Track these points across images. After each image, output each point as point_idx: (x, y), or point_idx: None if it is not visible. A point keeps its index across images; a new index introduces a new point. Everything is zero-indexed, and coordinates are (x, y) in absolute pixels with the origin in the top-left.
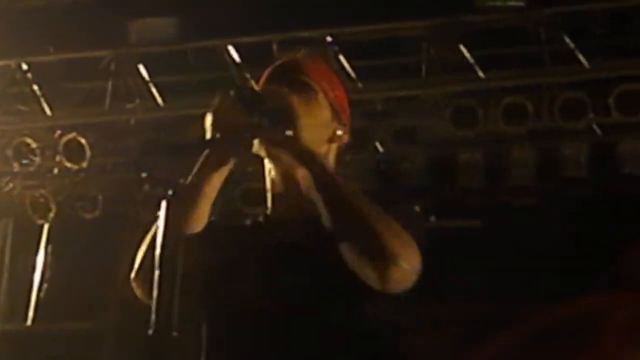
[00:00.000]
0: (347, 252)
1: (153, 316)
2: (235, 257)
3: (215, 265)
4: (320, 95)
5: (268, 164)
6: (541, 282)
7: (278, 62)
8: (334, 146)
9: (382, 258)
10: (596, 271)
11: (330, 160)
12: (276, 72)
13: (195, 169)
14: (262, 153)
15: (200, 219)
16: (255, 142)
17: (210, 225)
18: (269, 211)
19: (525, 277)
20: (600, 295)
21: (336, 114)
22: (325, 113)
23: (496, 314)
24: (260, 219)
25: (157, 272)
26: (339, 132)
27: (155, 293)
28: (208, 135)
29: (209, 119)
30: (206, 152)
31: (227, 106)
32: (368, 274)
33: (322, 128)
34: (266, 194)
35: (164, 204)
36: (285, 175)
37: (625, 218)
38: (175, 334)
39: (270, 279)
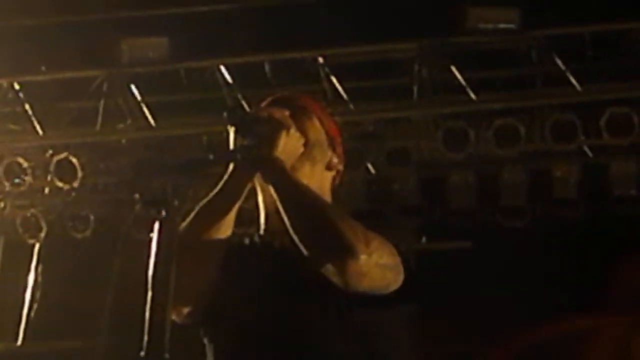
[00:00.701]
0: (308, 252)
1: (145, 338)
2: (236, 275)
3: (219, 284)
4: (316, 120)
5: (259, 184)
6: (531, 304)
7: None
8: (329, 175)
9: (338, 251)
10: (586, 293)
11: (326, 188)
12: (274, 99)
13: (222, 183)
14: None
15: (229, 229)
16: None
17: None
18: (261, 231)
19: (515, 298)
20: (590, 317)
21: (331, 142)
22: (322, 136)
23: (486, 335)
24: (256, 238)
25: (149, 294)
26: (335, 160)
27: (147, 314)
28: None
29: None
30: (231, 167)
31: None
32: (329, 270)
33: (320, 148)
34: (257, 214)
35: (157, 224)
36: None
37: (615, 240)
38: (167, 356)
39: (268, 295)
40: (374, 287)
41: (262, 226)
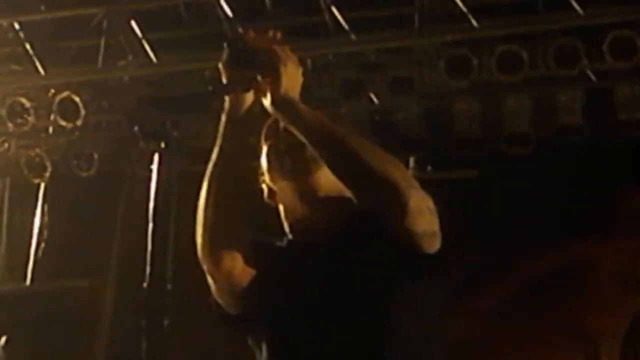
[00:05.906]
0: (362, 197)
1: (148, 269)
2: (286, 280)
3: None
4: None
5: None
6: (537, 231)
7: None
8: None
9: (393, 193)
10: (592, 218)
11: None
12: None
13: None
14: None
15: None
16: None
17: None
18: (289, 235)
19: (521, 225)
20: (596, 242)
21: None
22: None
23: (493, 263)
24: (287, 240)
25: (150, 225)
26: None
27: (149, 246)
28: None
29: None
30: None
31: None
32: (387, 214)
33: None
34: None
35: (156, 156)
36: (300, 198)
37: (621, 164)
38: (169, 286)
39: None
40: (425, 231)
41: (287, 229)
